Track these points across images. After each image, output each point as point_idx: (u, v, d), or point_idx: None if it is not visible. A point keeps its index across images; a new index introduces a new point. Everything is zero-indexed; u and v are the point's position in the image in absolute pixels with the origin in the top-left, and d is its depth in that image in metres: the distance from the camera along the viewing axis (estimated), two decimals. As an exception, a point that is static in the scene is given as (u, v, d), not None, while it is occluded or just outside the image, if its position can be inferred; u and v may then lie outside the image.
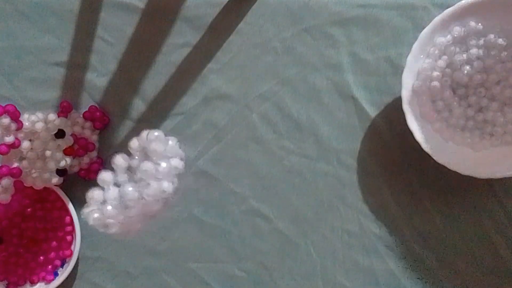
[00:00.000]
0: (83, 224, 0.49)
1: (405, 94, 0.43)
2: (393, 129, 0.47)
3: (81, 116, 0.49)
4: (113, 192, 0.42)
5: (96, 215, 0.41)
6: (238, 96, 0.49)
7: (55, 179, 0.46)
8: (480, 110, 0.45)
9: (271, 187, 0.49)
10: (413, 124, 0.43)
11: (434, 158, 0.43)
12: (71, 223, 0.49)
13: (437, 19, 0.42)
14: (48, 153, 0.46)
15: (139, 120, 0.49)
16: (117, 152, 0.44)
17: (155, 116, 0.49)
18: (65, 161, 0.47)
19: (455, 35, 0.44)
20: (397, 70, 0.47)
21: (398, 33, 0.47)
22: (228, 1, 0.48)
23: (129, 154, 0.44)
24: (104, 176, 0.43)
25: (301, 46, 0.48)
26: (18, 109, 0.44)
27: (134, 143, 0.44)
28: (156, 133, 0.44)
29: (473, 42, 0.44)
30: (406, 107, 0.43)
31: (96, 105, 0.49)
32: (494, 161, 0.44)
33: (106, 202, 0.42)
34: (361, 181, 0.48)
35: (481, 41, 0.44)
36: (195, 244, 0.50)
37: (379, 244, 0.48)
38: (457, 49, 0.44)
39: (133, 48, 0.49)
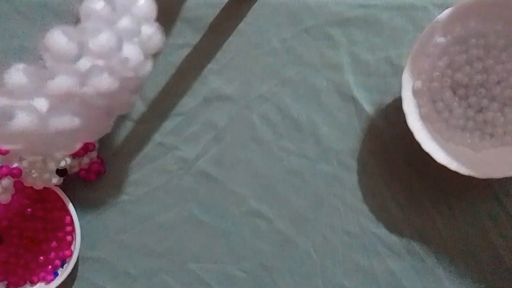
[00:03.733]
0: (83, 224, 0.50)
1: (405, 95, 0.43)
2: (393, 129, 0.47)
3: (81, 116, 0.49)
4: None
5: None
6: (238, 97, 0.49)
7: (55, 179, 0.46)
8: (480, 110, 0.45)
9: (271, 187, 0.49)
10: (413, 124, 0.43)
11: (434, 158, 0.43)
12: (71, 223, 0.49)
13: (437, 19, 0.42)
14: (48, 153, 0.46)
15: (139, 120, 0.49)
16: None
17: (155, 116, 0.49)
18: (65, 161, 0.47)
19: (455, 35, 0.44)
20: (397, 70, 0.47)
21: (398, 33, 0.47)
22: (228, 2, 0.48)
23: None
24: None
25: (301, 46, 0.48)
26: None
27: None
28: None
29: (473, 42, 0.44)
30: (406, 108, 0.43)
31: (96, 105, 0.49)
32: (494, 161, 0.44)
33: None
34: (361, 181, 0.48)
35: (481, 41, 0.44)
36: (195, 244, 0.50)
37: (379, 244, 0.48)
38: (457, 49, 0.44)
39: (133, 48, 0.49)
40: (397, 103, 0.44)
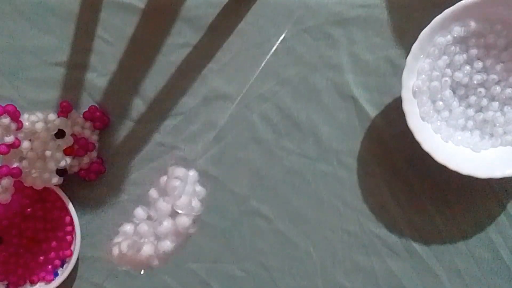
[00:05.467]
0: (83, 224, 0.50)
1: (405, 94, 0.43)
2: (393, 129, 0.47)
3: (81, 116, 0.49)
4: (142, 225, 0.40)
5: (127, 241, 0.39)
6: (238, 96, 0.49)
7: (55, 179, 0.46)
8: (480, 110, 0.45)
9: (271, 187, 0.49)
10: (413, 124, 0.43)
11: (434, 158, 0.43)
12: (71, 223, 0.49)
13: (437, 19, 0.42)
14: (48, 153, 0.46)
15: (139, 120, 0.49)
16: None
17: (155, 116, 0.49)
18: (65, 161, 0.47)
19: (455, 35, 0.44)
20: (397, 70, 0.47)
21: (398, 33, 0.47)
22: (228, 1, 0.48)
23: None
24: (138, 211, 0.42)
25: (301, 46, 0.48)
26: (18, 109, 0.44)
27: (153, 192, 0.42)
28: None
29: (473, 42, 0.44)
30: (406, 107, 0.43)
31: (96, 105, 0.49)
32: (494, 161, 0.44)
33: (138, 228, 0.40)
34: (361, 181, 0.48)
35: (481, 41, 0.44)
36: (195, 243, 0.50)
37: (379, 244, 0.48)
38: (457, 49, 0.44)
39: (133, 48, 0.49)
40: (397, 103, 0.44)
